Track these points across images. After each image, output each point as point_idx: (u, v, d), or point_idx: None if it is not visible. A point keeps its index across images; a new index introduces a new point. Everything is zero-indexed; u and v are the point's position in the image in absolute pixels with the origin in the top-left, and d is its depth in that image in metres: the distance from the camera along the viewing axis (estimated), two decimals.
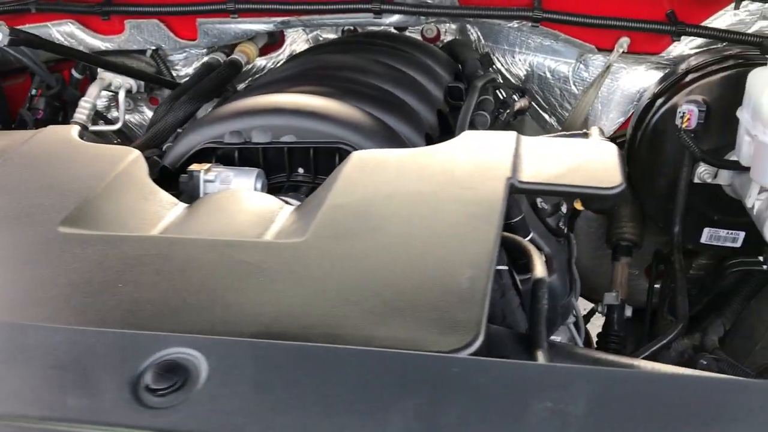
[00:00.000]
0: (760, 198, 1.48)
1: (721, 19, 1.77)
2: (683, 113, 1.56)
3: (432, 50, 2.10)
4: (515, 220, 1.38)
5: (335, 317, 0.83)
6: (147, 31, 2.04)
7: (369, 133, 1.44)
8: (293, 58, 2.14)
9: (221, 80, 1.97)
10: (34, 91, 2.13)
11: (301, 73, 1.77)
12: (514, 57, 2.13)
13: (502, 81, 2.19)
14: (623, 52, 1.85)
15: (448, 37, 2.26)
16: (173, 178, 1.42)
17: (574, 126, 1.99)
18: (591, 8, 1.80)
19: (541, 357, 0.94)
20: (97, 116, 2.26)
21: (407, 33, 2.27)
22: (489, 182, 1.09)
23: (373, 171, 1.15)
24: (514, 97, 2.02)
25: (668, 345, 1.81)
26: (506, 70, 2.16)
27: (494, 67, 2.18)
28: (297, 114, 1.42)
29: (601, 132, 1.36)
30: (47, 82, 2.12)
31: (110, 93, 2.26)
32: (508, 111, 1.94)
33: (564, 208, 1.57)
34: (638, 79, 1.91)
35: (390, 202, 1.05)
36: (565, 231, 1.57)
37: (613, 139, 1.92)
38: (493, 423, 0.60)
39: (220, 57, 2.12)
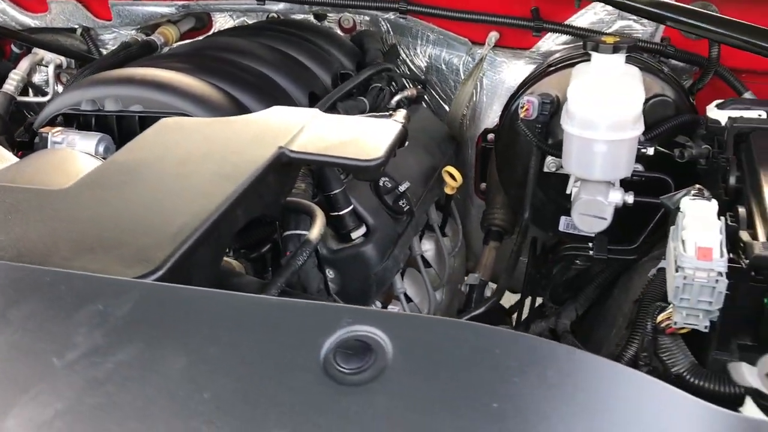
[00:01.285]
0: (576, 185, 1.55)
1: (584, 17, 1.85)
2: (522, 104, 1.65)
3: (337, 39, 2.21)
4: (334, 192, 1.50)
5: (48, 247, 0.96)
6: (68, 11, 2.21)
7: (210, 106, 1.56)
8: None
9: (129, 59, 2.12)
10: None
11: (187, 52, 1.91)
12: (416, 49, 2.23)
13: (405, 71, 2.30)
14: (495, 46, 1.94)
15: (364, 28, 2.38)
16: None
17: (456, 117, 2.08)
18: (462, 3, 1.90)
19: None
20: (36, 89, 2.45)
21: (326, 22, 2.39)
22: (259, 149, 1.20)
23: (167, 134, 1.27)
24: (407, 86, 2.13)
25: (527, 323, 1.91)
26: (410, 61, 2.26)
27: (401, 58, 2.28)
28: (144, 85, 1.56)
29: None
30: None
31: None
32: (397, 99, 2.05)
33: (402, 187, 1.68)
34: (518, 72, 2.00)
35: (161, 161, 1.18)
36: (407, 209, 1.68)
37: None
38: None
39: (141, 38, 2.27)
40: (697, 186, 1.22)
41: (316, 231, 1.24)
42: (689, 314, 1.13)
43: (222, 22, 2.42)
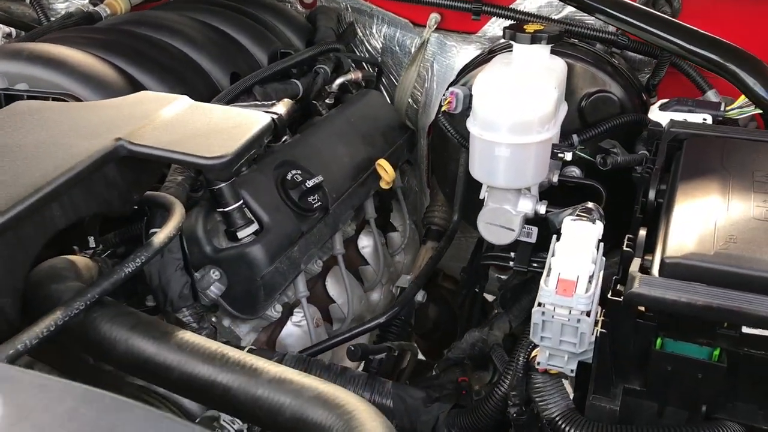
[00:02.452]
0: (486, 191, 1.39)
1: (533, 1, 1.66)
2: (445, 97, 1.48)
3: (286, 14, 2.07)
4: (218, 186, 1.38)
5: None
6: None
7: (102, 87, 1.45)
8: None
9: (64, 28, 2.01)
10: None
11: (108, 26, 1.80)
12: (372, 28, 2.07)
13: (362, 52, 2.15)
14: (442, 29, 1.77)
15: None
16: None
17: (401, 105, 1.93)
18: None
19: None
20: None
21: None
22: (97, 139, 1.09)
23: (13, 118, 1.16)
24: (351, 69, 1.98)
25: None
26: (367, 42, 2.11)
27: (358, 37, 2.13)
28: (31, 61, 1.45)
29: None
30: None
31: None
32: (339, 82, 1.90)
33: (311, 182, 1.54)
34: (468, 57, 1.83)
35: None
36: (317, 205, 1.54)
37: None
38: None
39: (88, 8, 2.17)
40: (588, 204, 1.06)
41: (164, 232, 1.11)
42: (553, 355, 0.98)
43: None
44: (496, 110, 1.27)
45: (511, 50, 1.44)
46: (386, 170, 1.73)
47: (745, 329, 0.98)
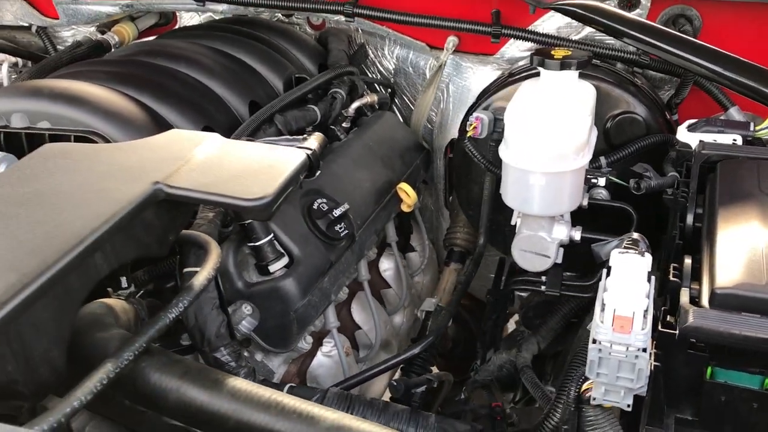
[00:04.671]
0: (519, 216, 1.38)
1: (551, 22, 1.66)
2: (471, 122, 1.48)
3: (297, 39, 2.06)
4: (249, 221, 1.37)
5: None
6: (17, 9, 2.10)
7: (125, 123, 1.44)
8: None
9: (74, 59, 2.00)
10: None
11: (121, 57, 1.78)
12: (384, 50, 2.07)
13: (374, 74, 2.14)
14: (458, 51, 1.77)
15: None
16: None
17: (418, 126, 1.92)
18: (417, 6, 1.72)
19: None
20: None
21: (294, 18, 2.24)
22: (132, 185, 1.07)
23: (44, 164, 1.15)
24: (367, 92, 1.97)
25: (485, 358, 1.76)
26: (379, 63, 2.10)
27: (369, 59, 2.12)
28: (52, 99, 1.43)
29: None
30: None
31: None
32: (355, 106, 1.89)
33: (338, 211, 1.53)
34: (485, 79, 1.82)
35: (21, 198, 1.05)
36: (344, 234, 1.53)
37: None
38: None
39: (96, 36, 2.16)
40: (633, 235, 1.05)
41: (203, 274, 1.10)
42: (609, 390, 0.98)
43: (187, 18, 2.29)
44: (531, 139, 1.26)
45: (536, 74, 1.44)
46: (408, 194, 1.72)
47: None
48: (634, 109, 1.52)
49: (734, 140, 1.34)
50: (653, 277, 0.99)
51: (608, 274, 0.99)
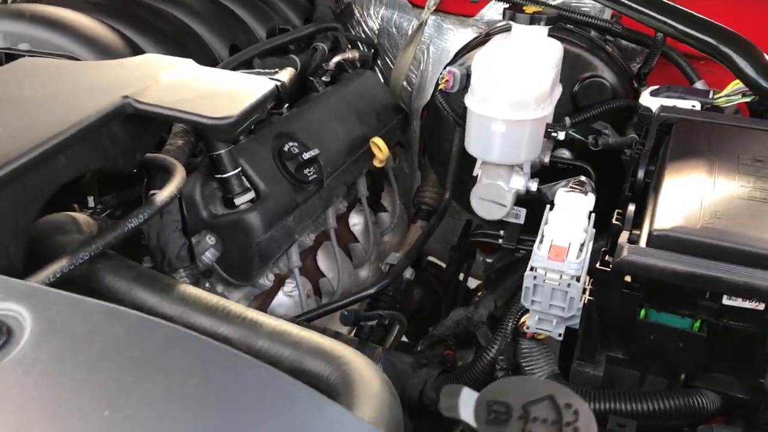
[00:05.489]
0: (481, 168, 1.42)
1: None
2: (442, 75, 1.51)
3: None
4: (217, 152, 1.40)
5: None
6: None
7: (102, 50, 1.47)
8: None
9: None
10: None
11: None
12: (370, 10, 2.10)
13: (359, 33, 2.17)
14: (440, 11, 1.81)
15: None
16: None
17: (396, 85, 1.96)
18: None
19: None
20: None
21: None
22: (103, 96, 1.10)
23: (19, 74, 1.18)
24: (348, 48, 2.00)
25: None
26: (364, 23, 2.13)
27: (355, 18, 2.16)
28: (34, 22, 1.46)
29: None
30: None
31: None
32: (336, 60, 1.92)
33: (307, 154, 1.56)
34: (465, 41, 1.86)
35: None
36: (313, 178, 1.56)
37: None
38: None
39: None
40: (580, 178, 1.09)
41: (165, 192, 1.13)
42: (542, 319, 1.02)
43: None
44: (495, 86, 1.30)
45: (510, 31, 1.48)
46: (380, 148, 1.76)
47: (725, 300, 1.02)
48: (602, 74, 1.56)
49: (693, 106, 1.38)
50: (593, 215, 1.03)
51: (551, 210, 1.03)
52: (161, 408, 0.48)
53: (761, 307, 1.00)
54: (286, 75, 1.34)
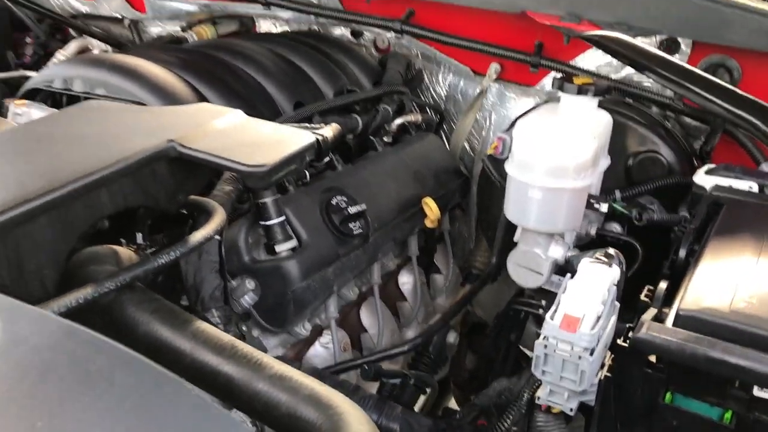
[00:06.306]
0: (520, 233, 1.39)
1: (592, 59, 1.68)
2: (493, 141, 1.51)
3: (357, 56, 2.17)
4: (263, 200, 1.45)
5: None
6: (114, 1, 2.32)
7: (168, 98, 1.56)
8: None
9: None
10: (28, 40, 2.47)
11: (189, 48, 1.93)
12: (438, 76, 2.14)
13: (428, 99, 2.22)
14: (502, 80, 1.82)
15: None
16: None
17: (457, 147, 1.97)
18: (466, 31, 1.79)
19: None
20: None
21: (362, 41, 2.35)
22: (151, 138, 1.17)
23: (83, 114, 1.27)
24: (414, 110, 2.04)
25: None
26: (432, 89, 2.18)
27: (424, 84, 2.20)
28: (111, 70, 1.58)
29: None
30: (35, 32, 2.46)
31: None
32: (398, 122, 1.97)
33: (351, 210, 1.59)
34: (526, 109, 1.86)
35: (57, 137, 1.18)
36: (357, 233, 1.58)
37: None
38: None
39: (179, 34, 2.33)
40: (608, 250, 1.06)
41: (201, 233, 1.18)
42: (554, 391, 0.98)
43: (265, 28, 2.45)
44: (533, 152, 1.29)
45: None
46: (431, 208, 1.76)
47: (756, 392, 0.96)
48: (659, 150, 1.52)
49: (750, 187, 1.32)
50: (614, 288, 0.99)
51: (572, 278, 1.00)
52: (93, 423, 0.50)
53: None
54: (329, 130, 1.39)
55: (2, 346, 0.56)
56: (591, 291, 0.95)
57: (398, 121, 1.95)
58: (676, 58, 1.61)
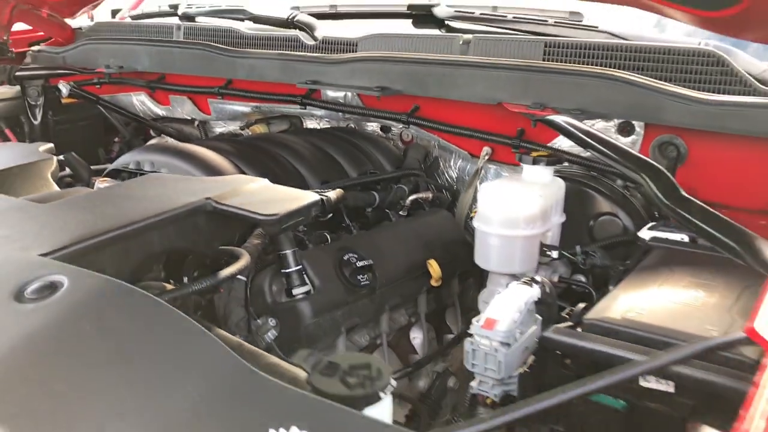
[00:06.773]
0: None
1: (566, 141, 1.99)
2: (474, 207, 1.83)
3: (382, 146, 2.55)
4: (284, 252, 1.79)
5: None
6: (182, 105, 2.80)
7: (216, 174, 1.95)
8: None
9: None
10: (116, 139, 2.98)
11: (241, 140, 2.36)
12: (451, 162, 2.48)
13: (443, 182, 2.56)
14: (494, 160, 2.15)
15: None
16: None
17: (460, 219, 2.28)
18: (463, 121, 2.15)
19: None
20: None
21: (390, 135, 2.74)
22: (194, 197, 1.55)
23: (146, 182, 1.67)
24: (429, 189, 2.38)
25: None
26: (446, 173, 2.52)
27: (440, 169, 2.55)
28: (173, 155, 1.99)
29: None
30: (122, 133, 2.96)
31: None
32: (411, 198, 2.31)
33: (359, 263, 1.91)
34: None
35: (123, 197, 1.56)
36: (364, 284, 1.89)
37: None
38: None
39: (236, 132, 2.79)
40: (536, 277, 1.34)
41: (226, 271, 1.51)
42: (482, 381, 1.24)
43: (311, 126, 2.88)
44: (491, 206, 1.60)
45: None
46: (434, 268, 2.06)
47: (641, 382, 1.20)
48: (617, 213, 1.80)
49: (682, 238, 1.58)
50: (533, 302, 1.27)
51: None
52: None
53: (671, 389, 1.17)
54: (333, 193, 1.74)
55: (72, 294, 0.90)
56: (510, 302, 1.23)
57: (412, 197, 2.29)
58: (632, 139, 1.92)
